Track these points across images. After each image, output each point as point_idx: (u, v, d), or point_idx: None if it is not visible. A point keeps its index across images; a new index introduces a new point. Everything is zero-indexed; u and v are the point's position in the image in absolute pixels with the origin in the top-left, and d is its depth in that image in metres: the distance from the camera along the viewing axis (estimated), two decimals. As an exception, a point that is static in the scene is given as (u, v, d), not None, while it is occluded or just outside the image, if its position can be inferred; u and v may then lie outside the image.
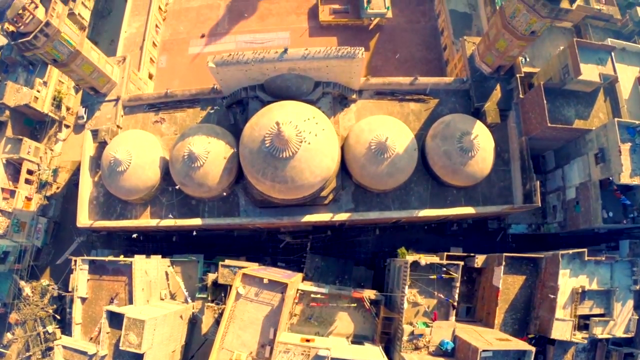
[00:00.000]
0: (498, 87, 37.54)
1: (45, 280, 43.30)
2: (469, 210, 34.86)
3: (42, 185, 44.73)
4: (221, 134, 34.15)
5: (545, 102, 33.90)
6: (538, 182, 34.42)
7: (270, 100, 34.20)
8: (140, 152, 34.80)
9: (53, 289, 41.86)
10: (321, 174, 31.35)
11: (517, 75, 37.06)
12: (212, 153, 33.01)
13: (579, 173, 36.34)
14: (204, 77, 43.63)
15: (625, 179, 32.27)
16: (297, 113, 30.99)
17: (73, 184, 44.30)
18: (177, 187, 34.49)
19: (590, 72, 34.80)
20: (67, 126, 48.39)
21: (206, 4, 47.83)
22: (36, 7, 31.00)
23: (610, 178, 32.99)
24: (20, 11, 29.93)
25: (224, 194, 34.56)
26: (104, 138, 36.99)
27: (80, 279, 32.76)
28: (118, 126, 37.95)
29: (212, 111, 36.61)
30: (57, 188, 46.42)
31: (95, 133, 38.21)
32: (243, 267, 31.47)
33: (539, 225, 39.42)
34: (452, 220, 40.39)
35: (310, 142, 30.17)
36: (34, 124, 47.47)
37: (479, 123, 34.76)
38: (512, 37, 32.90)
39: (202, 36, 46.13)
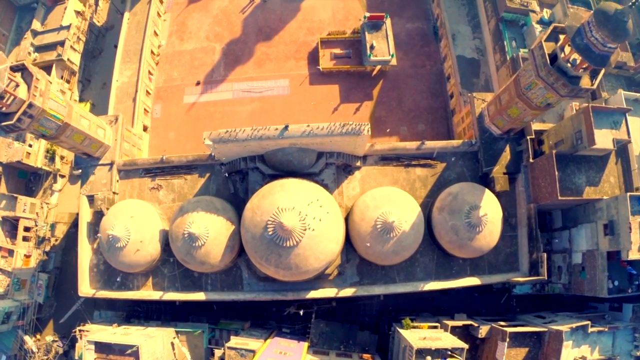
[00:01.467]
0: (507, 148, 35.87)
1: (49, 337, 42.84)
2: (474, 281, 34.16)
3: (40, 241, 43.45)
4: (221, 210, 32.80)
5: (556, 172, 32.35)
6: (545, 254, 33.59)
7: (271, 173, 32.76)
8: (139, 227, 33.55)
9: (58, 345, 41.45)
10: (326, 258, 30.44)
11: (528, 137, 35.24)
12: (212, 231, 31.82)
13: (586, 240, 35.50)
14: (201, 129, 41.69)
15: (634, 254, 31.49)
16: (300, 196, 29.65)
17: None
18: (178, 260, 33.36)
19: (604, 139, 33.37)
20: (62, 176, 46.74)
21: (200, 47, 45.08)
22: (17, 85, 28.71)
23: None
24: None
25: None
26: (100, 207, 35.60)
27: (87, 359, 32.19)
28: (114, 192, 36.16)
29: (210, 180, 34.67)
30: (56, 240, 45.14)
31: (90, 198, 36.67)
32: (250, 349, 30.85)
33: (543, 284, 38.87)
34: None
35: (314, 229, 29.08)
36: (28, 176, 45.62)
37: (487, 193, 33.55)
38: (526, 107, 31.30)
39: (198, 83, 43.75)
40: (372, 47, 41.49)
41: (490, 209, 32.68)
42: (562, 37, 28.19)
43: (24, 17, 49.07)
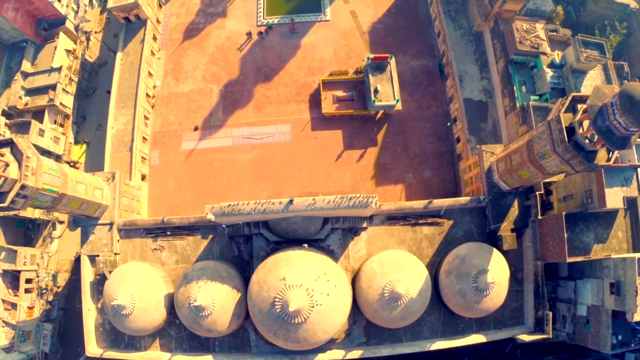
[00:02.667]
0: (516, 203, 34.78)
1: (57, 387, 42.76)
2: (480, 339, 33.86)
3: (42, 291, 42.68)
4: (227, 278, 32.14)
5: (565, 234, 31.45)
6: (550, 313, 33.27)
7: (276, 240, 31.67)
8: (144, 294, 33.04)
9: (67, 393, 41.42)
10: (334, 330, 30.18)
11: (537, 193, 34.10)
12: (218, 301, 31.32)
13: (592, 294, 35.16)
14: (201, 177, 40.46)
15: (639, 316, 30.91)
16: (307, 271, 29.15)
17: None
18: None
19: (614, 198, 32.57)
20: (61, 222, 45.51)
21: (197, 89, 43.32)
22: (7, 165, 27.10)
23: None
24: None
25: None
26: (102, 270, 34.85)
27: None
28: (115, 253, 35.14)
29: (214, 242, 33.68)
30: (58, 288, 44.41)
31: (92, 259, 35.69)
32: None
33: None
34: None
35: (322, 304, 28.35)
36: (26, 225, 44.40)
37: (495, 254, 32.99)
38: (539, 172, 30.00)
39: (196, 129, 42.26)
40: (376, 91, 39.78)
41: (497, 272, 32.14)
42: (580, 107, 26.73)
43: (13, 56, 46.84)
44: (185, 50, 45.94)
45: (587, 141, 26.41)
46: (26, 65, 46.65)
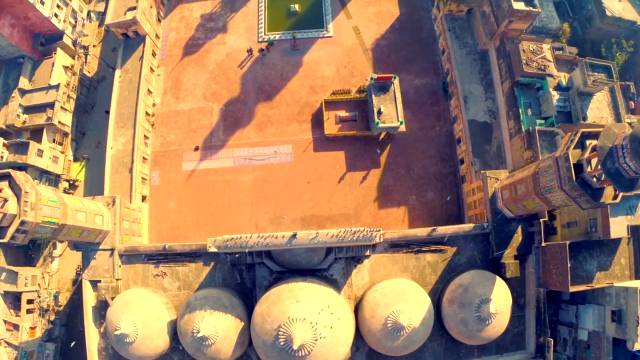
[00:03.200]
0: (519, 229, 34.48)
1: (62, 404, 42.93)
2: (483, 366, 33.78)
3: (44, 311, 42.55)
4: (230, 307, 32.08)
5: (568, 264, 31.28)
6: (552, 340, 33.35)
7: (279, 269, 31.43)
8: (147, 322, 33.09)
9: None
10: (337, 362, 29.67)
11: (541, 220, 33.84)
12: (222, 330, 31.33)
13: (593, 320, 35.27)
14: (202, 199, 40.12)
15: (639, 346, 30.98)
16: (311, 304, 29.13)
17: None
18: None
19: (619, 227, 32.51)
20: (62, 240, 44.84)
21: (197, 107, 42.75)
22: (5, 201, 26.68)
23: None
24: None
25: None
26: (104, 297, 34.70)
27: None
28: (117, 279, 34.91)
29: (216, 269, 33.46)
30: (60, 307, 44.33)
31: (94, 284, 35.51)
32: None
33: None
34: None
35: (325, 337, 28.22)
36: (26, 245, 43.86)
37: (497, 282, 32.97)
38: (544, 204, 29.65)
39: (196, 149, 41.80)
40: (379, 112, 39.23)
41: (500, 301, 32.14)
42: (589, 143, 26.26)
43: (11, 72, 46.13)
44: (185, 67, 45.16)
45: (594, 179, 26.10)
46: (24, 82, 45.89)
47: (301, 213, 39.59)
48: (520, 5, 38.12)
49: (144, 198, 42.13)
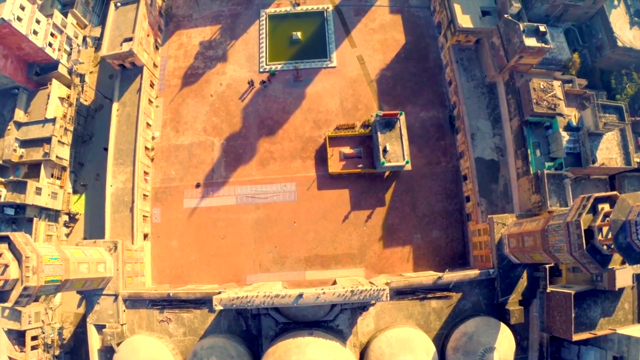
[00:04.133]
0: (525, 274, 34.42)
1: None
2: (487, 410, 34.18)
3: (48, 347, 42.77)
4: (236, 357, 32.63)
5: (573, 313, 31.35)
6: (555, 387, 33.51)
7: (285, 321, 31.49)
8: (152, 371, 32.65)
9: None
10: (343, 415, 30.00)
11: (547, 266, 33.76)
12: (228, 382, 31.04)
13: (595, 363, 35.20)
14: (205, 237, 40.05)
15: (642, 394, 31.39)
16: (317, 361, 28.52)
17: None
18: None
19: (624, 277, 32.64)
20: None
21: (198, 142, 42.11)
22: (6, 266, 26.39)
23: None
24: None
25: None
26: (110, 343, 34.92)
27: None
28: (122, 324, 34.98)
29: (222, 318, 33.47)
30: (64, 340, 44.54)
31: (98, 328, 35.52)
32: None
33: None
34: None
35: None
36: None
37: (502, 330, 33.34)
38: (550, 259, 29.37)
39: (198, 186, 41.31)
40: (385, 151, 38.62)
41: (504, 348, 32.49)
42: (601, 207, 25.83)
43: (5, 103, 45.30)
44: (185, 98, 44.15)
45: (604, 247, 25.82)
46: (19, 114, 44.89)
47: (305, 253, 39.43)
48: (532, 42, 37.02)
49: (145, 236, 41.83)
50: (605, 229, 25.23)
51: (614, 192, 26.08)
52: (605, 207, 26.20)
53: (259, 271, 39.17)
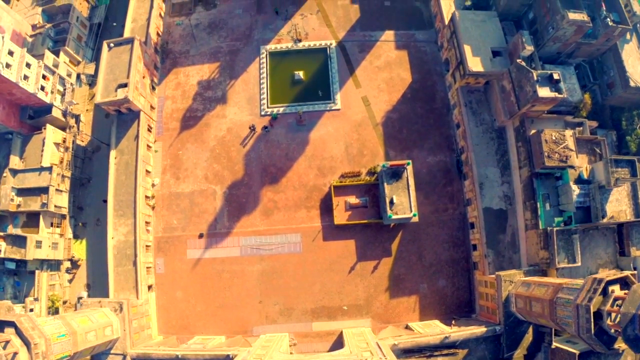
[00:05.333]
0: (530, 329, 34.76)
1: None
2: None
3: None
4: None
5: None
6: None
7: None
8: None
9: None
10: None
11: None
12: None
13: (601, 414, 35.93)
14: (210, 289, 40.20)
15: None
16: None
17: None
18: None
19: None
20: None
21: (199, 190, 41.58)
22: (15, 354, 26.44)
23: None
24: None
25: None
26: (117, 402, 34.78)
27: None
28: (130, 383, 35.36)
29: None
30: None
31: (106, 385, 35.75)
32: None
33: None
34: None
35: None
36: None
37: (508, 388, 33.20)
38: (557, 327, 29.53)
39: (201, 236, 40.96)
40: (391, 203, 38.20)
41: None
42: (611, 289, 25.73)
43: (0, 148, 43.39)
44: (184, 143, 43.14)
45: (612, 330, 25.87)
46: (14, 161, 43.88)
47: (312, 304, 39.54)
48: (545, 92, 36.02)
49: (149, 287, 41.72)
50: (614, 314, 25.30)
51: (626, 274, 26.02)
52: (616, 288, 26.19)
53: (265, 323, 39.37)
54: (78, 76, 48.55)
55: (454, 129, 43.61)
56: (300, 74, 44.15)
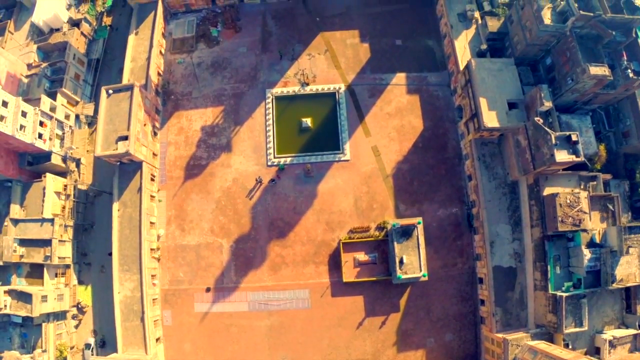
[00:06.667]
0: None
1: None
2: None
3: None
4: None
5: None
6: None
7: None
8: None
9: None
10: None
11: (559, 388, 34.24)
12: None
13: None
14: (218, 342, 40.75)
15: None
16: None
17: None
18: None
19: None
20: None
21: (205, 243, 41.15)
22: None
23: None
24: None
25: None
26: None
27: None
28: None
29: None
30: None
31: None
32: None
33: None
34: None
35: None
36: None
37: None
38: None
39: (208, 290, 40.93)
40: (401, 262, 37.61)
41: None
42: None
43: (0, 196, 42.12)
44: (189, 194, 42.05)
45: None
46: (15, 210, 42.82)
47: (320, 359, 39.54)
48: (563, 156, 35.00)
49: (157, 339, 41.51)
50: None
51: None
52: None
53: (273, 377, 39.60)
54: (77, 117, 46.70)
55: (465, 180, 42.70)
56: (308, 121, 42.69)
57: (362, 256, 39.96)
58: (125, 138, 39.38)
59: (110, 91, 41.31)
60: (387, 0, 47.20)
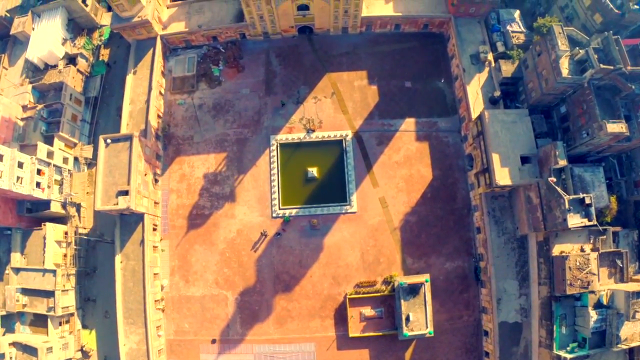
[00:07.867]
0: None
1: None
2: None
3: None
4: None
5: None
6: None
7: None
8: None
9: None
10: None
11: None
12: None
13: None
14: None
15: None
16: None
17: None
18: None
19: None
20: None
21: (210, 295, 40.91)
22: None
23: None
24: None
25: None
26: None
27: None
28: None
29: None
30: None
31: None
32: None
33: None
34: None
35: None
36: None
37: None
38: None
39: (214, 342, 40.68)
40: (407, 320, 37.17)
41: None
42: None
43: (0, 244, 41.28)
44: (192, 244, 41.30)
45: None
46: (15, 258, 42.20)
47: (325, 410, 39.96)
48: (575, 220, 34.22)
49: (163, 388, 41.67)
50: None
51: None
52: None
53: None
54: (76, 159, 45.10)
55: (473, 232, 42.18)
56: (314, 171, 41.60)
57: (368, 311, 39.75)
58: (126, 193, 38.42)
59: (109, 140, 39.81)
60: (396, 39, 45.50)
